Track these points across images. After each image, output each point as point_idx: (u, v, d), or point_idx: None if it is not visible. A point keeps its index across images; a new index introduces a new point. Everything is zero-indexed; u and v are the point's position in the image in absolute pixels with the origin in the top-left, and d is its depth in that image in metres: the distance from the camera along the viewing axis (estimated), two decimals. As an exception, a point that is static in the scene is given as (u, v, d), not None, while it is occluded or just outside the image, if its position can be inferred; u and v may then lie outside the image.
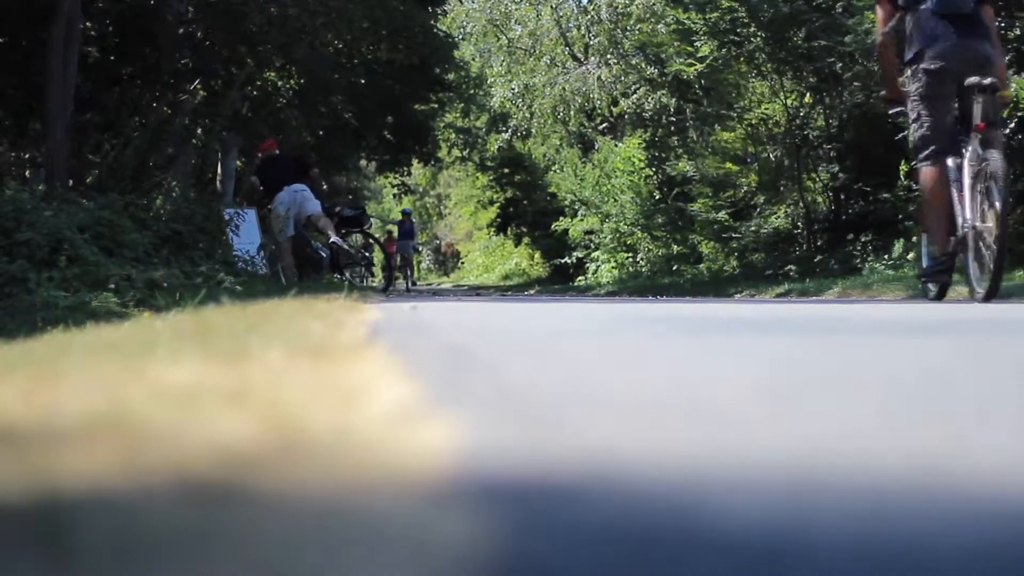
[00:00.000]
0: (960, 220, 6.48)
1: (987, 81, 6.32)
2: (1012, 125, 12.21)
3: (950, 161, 6.53)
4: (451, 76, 25.87)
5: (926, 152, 6.66)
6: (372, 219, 24.35)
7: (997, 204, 6.17)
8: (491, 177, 36.74)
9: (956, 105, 6.59)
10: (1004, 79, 6.86)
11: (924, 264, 7.29)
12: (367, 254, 19.50)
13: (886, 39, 7.16)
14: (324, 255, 16.31)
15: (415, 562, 0.67)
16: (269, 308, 4.09)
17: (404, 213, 31.22)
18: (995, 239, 6.21)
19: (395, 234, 32.94)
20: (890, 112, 7.67)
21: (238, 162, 19.33)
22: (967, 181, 6.39)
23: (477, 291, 26.05)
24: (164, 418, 1.17)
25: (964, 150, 6.42)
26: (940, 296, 7.03)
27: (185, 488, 0.84)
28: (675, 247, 21.24)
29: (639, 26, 25.05)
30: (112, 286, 8.26)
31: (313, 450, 1.01)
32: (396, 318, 4.27)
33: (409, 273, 29.23)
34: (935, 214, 6.71)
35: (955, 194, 6.49)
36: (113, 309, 7.21)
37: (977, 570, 0.66)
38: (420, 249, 34.74)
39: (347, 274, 16.27)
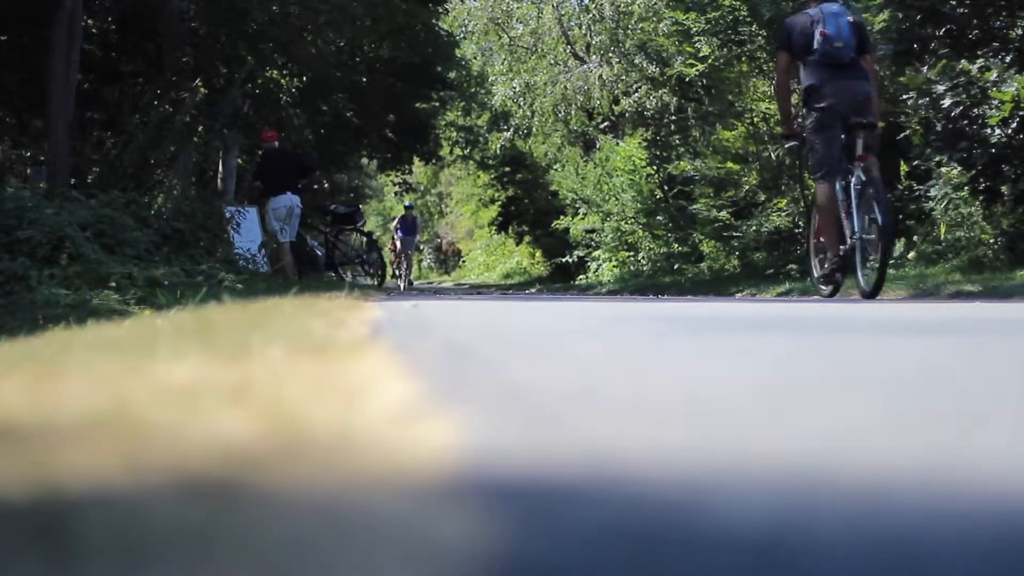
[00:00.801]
0: (848, 231, 7.78)
1: (867, 120, 7.65)
2: (1014, 125, 12.20)
3: (838, 184, 7.82)
4: (452, 74, 25.88)
5: (820, 173, 8.01)
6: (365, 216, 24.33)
7: (879, 219, 7.34)
8: (492, 176, 36.72)
9: (843, 136, 7.84)
10: (877, 112, 8.13)
11: (815, 269, 8.58)
12: (372, 253, 19.56)
13: (783, 83, 8.64)
14: (320, 253, 16.28)
15: (416, 561, 0.68)
16: (270, 306, 4.09)
17: (407, 207, 28.54)
18: (879, 249, 7.44)
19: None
20: (785, 146, 9.56)
21: (239, 160, 19.32)
22: (854, 200, 7.67)
23: (478, 290, 26.05)
24: (165, 416, 1.17)
25: (850, 176, 7.70)
26: (832, 294, 8.29)
27: (186, 486, 0.84)
28: (676, 246, 21.23)
29: (640, 25, 25.04)
30: (113, 284, 8.27)
31: (314, 448, 1.01)
32: (397, 316, 4.27)
33: (407, 272, 27.02)
34: (828, 225, 8.00)
35: (843, 211, 7.80)
36: (114, 307, 7.21)
37: (978, 570, 0.66)
38: (421, 247, 32.90)
39: (345, 272, 16.27)
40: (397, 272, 27.29)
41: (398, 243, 27.60)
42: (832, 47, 7.72)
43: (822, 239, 8.21)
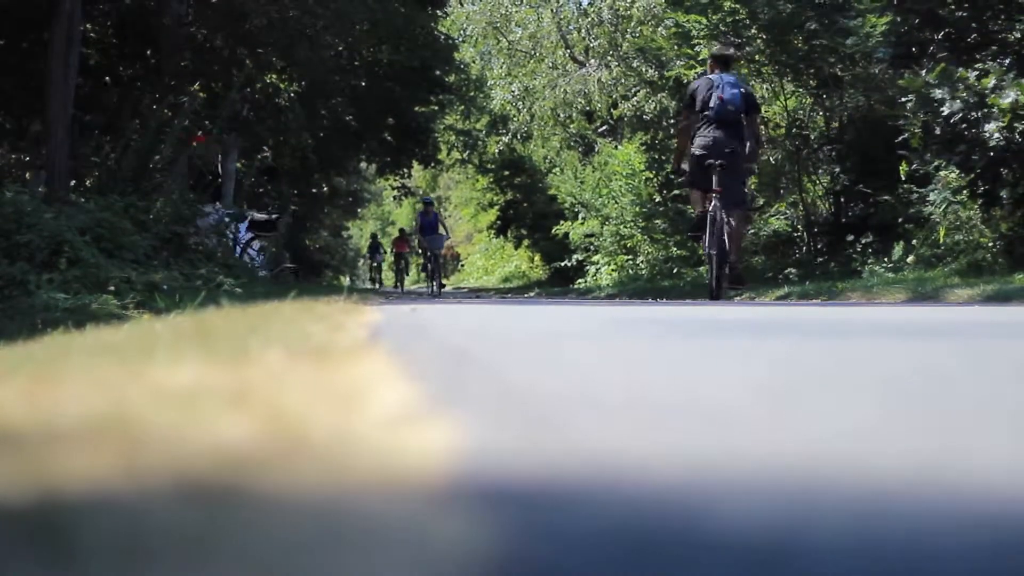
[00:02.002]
0: (706, 245, 9.91)
1: (719, 162, 9.64)
2: (1021, 128, 12.21)
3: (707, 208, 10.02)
4: (451, 78, 25.89)
5: (696, 191, 10.19)
6: (285, 222, 21.45)
7: (726, 241, 9.60)
8: (491, 179, 36.74)
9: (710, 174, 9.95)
10: (753, 161, 10.52)
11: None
12: (282, 263, 18.73)
13: (684, 131, 10.38)
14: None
15: (415, 564, 0.68)
16: (269, 310, 4.09)
17: (426, 203, 24.67)
18: (714, 264, 9.74)
19: (408, 231, 30.44)
20: (677, 179, 12.19)
21: (238, 164, 19.32)
22: (708, 223, 9.72)
23: (477, 293, 26.04)
24: (164, 420, 1.17)
25: (710, 204, 9.74)
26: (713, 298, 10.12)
27: (185, 490, 0.85)
28: (675, 249, 21.23)
29: (639, 29, 25.06)
30: (112, 288, 8.27)
31: (313, 452, 1.01)
32: (396, 320, 4.27)
33: (437, 274, 23.07)
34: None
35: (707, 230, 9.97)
36: (113, 311, 7.21)
37: (978, 571, 0.66)
38: (449, 236, 25.97)
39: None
40: (376, 274, 25.57)
41: (423, 243, 24.05)
42: (725, 108, 9.74)
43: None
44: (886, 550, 0.70)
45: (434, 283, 22.71)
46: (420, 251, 24.43)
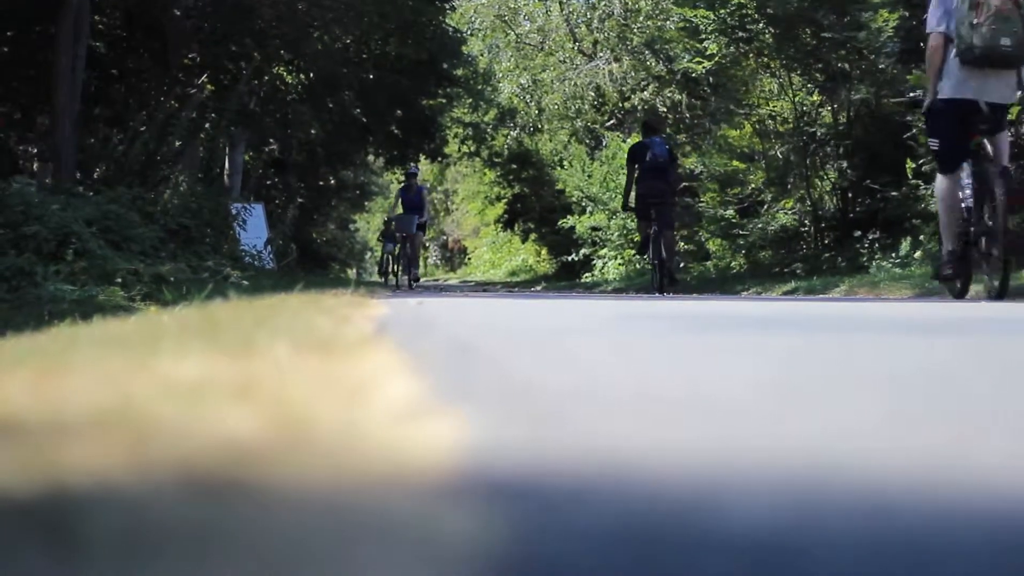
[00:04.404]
0: (651, 257, 13.44)
1: (656, 200, 13.01)
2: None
3: (653, 227, 13.15)
4: (459, 71, 25.88)
5: (641, 220, 13.59)
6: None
7: (663, 252, 12.95)
8: (498, 173, 36.70)
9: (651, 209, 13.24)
10: (677, 190, 14.43)
11: None
12: None
13: (629, 179, 13.74)
14: None
15: (421, 559, 0.68)
16: (276, 303, 4.09)
17: (408, 175, 19.95)
18: (667, 267, 13.06)
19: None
20: (623, 212, 17.37)
21: (246, 156, 19.32)
22: (652, 242, 13.11)
23: (484, 287, 26.04)
24: (170, 412, 1.17)
25: (652, 229, 13.09)
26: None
27: (191, 482, 0.85)
28: (682, 244, 21.22)
29: (648, 23, 25.03)
30: (119, 280, 8.28)
31: (319, 445, 1.01)
32: (402, 314, 4.27)
33: (412, 264, 19.05)
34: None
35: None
36: (120, 303, 7.22)
37: (982, 571, 0.66)
38: (430, 223, 21.50)
39: None
40: (389, 267, 20.14)
41: (392, 222, 19.39)
42: (656, 160, 13.12)
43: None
44: (891, 550, 0.69)
45: (405, 272, 18.83)
46: (394, 233, 19.33)
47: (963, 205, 7.39)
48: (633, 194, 13.61)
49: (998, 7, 7.08)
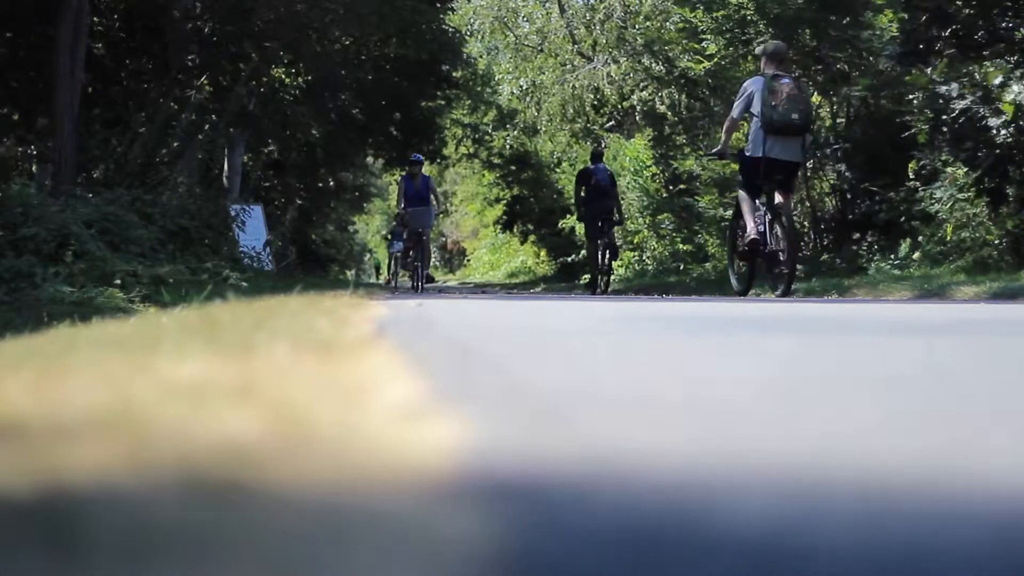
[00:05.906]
0: (599, 264, 15.70)
1: (602, 217, 15.28)
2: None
3: (599, 241, 15.57)
4: (458, 73, 25.88)
5: (590, 243, 15.95)
6: None
7: (608, 262, 15.71)
8: (498, 174, 36.71)
9: (599, 225, 15.52)
10: (620, 212, 16.21)
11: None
12: None
13: (577, 200, 15.81)
14: None
15: (421, 559, 0.68)
16: (275, 304, 4.09)
17: (413, 161, 17.41)
18: (610, 273, 16.06)
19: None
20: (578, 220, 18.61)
21: (245, 158, 19.30)
22: (599, 253, 15.44)
23: (483, 289, 26.04)
24: (170, 414, 1.17)
25: (600, 242, 15.45)
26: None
27: (191, 484, 0.85)
28: (681, 245, 21.23)
29: (647, 24, 25.03)
30: (118, 281, 8.28)
31: (319, 446, 1.01)
32: (402, 315, 4.27)
33: (424, 264, 16.62)
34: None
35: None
36: (119, 305, 7.22)
37: (983, 571, 0.66)
38: (438, 216, 18.96)
39: None
40: (397, 267, 18.85)
41: (405, 218, 17.04)
42: (600, 184, 15.23)
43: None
44: (890, 550, 0.69)
45: (418, 275, 16.63)
46: (401, 229, 17.64)
47: (756, 223, 10.05)
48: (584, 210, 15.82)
49: (788, 92, 9.89)
